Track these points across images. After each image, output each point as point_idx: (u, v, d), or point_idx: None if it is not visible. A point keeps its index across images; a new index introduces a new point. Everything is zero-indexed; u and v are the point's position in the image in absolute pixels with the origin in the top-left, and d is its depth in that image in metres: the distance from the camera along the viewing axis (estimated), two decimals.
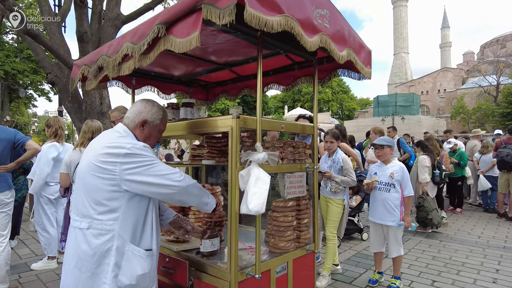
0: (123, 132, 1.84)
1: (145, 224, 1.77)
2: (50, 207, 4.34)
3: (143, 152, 1.69)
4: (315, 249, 2.40)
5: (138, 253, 1.69)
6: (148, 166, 1.65)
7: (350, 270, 4.34)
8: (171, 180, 1.68)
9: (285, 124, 2.17)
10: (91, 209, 1.68)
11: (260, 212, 1.75)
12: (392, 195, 3.59)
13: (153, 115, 1.89)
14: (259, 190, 1.75)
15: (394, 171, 3.62)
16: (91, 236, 1.66)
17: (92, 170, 1.67)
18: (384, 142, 3.67)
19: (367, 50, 2.51)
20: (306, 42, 1.84)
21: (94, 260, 1.65)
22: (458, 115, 38.70)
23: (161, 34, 1.73)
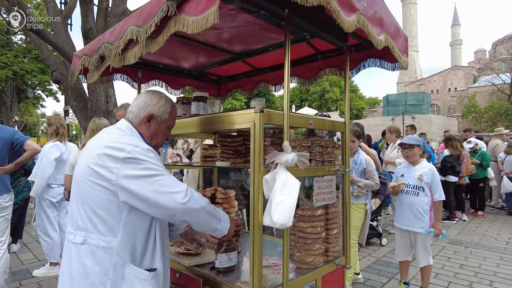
0: (126, 130, 1.57)
1: (148, 240, 1.48)
2: (53, 210, 4.10)
3: (146, 157, 1.40)
4: (346, 263, 2.09)
5: (141, 275, 1.41)
6: (147, 178, 1.37)
7: (372, 280, 4.02)
8: (172, 200, 1.38)
9: (313, 120, 1.87)
10: (87, 220, 1.41)
11: (286, 225, 1.45)
12: (421, 199, 3.27)
13: (161, 108, 1.62)
14: (286, 198, 1.46)
15: (423, 173, 3.29)
16: (86, 253, 1.39)
17: (88, 175, 1.40)
18: (414, 141, 3.35)
19: (403, 36, 2.21)
20: (343, 21, 1.54)
21: (88, 282, 1.38)
22: (469, 114, 37.86)
23: (171, 13, 1.44)
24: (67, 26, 7.73)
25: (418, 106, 35.28)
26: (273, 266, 1.64)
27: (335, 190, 2.01)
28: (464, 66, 68.01)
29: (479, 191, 7.52)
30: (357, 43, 2.26)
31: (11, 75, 20.38)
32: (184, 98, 2.40)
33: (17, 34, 22.48)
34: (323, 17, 1.85)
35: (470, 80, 60.95)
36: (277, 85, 3.06)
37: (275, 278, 1.64)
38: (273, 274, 1.64)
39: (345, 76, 2.13)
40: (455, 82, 63.28)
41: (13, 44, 22.01)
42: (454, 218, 6.99)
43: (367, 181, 3.40)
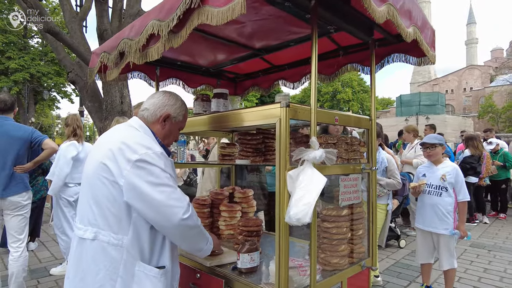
0: (140, 128, 1.57)
1: (156, 238, 1.47)
2: (70, 209, 4.12)
3: (157, 162, 1.40)
4: (373, 265, 2.01)
5: (150, 272, 1.41)
6: (154, 186, 1.36)
7: (392, 283, 3.91)
8: (173, 214, 1.38)
9: (339, 116, 1.79)
10: (99, 217, 1.41)
11: (303, 221, 1.38)
12: (444, 200, 3.15)
13: (177, 109, 1.66)
14: (307, 194, 1.39)
15: (446, 172, 3.17)
16: (97, 249, 1.39)
17: (100, 171, 1.40)
18: (436, 140, 3.23)
19: (431, 28, 2.11)
20: (374, 11, 1.47)
21: (98, 278, 1.37)
22: (486, 114, 36.94)
23: (195, 5, 1.40)
24: (83, 28, 7.84)
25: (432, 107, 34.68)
26: (299, 268, 1.58)
27: (360, 189, 1.94)
28: (480, 65, 66.39)
29: (501, 192, 7.28)
30: (381, 37, 2.19)
31: (28, 78, 20.81)
32: (204, 95, 2.36)
33: (34, 38, 23.00)
34: (349, 9, 1.78)
35: (487, 80, 59.48)
36: (295, 82, 2.99)
37: (301, 279, 1.58)
38: (299, 276, 1.57)
39: (371, 71, 2.05)
40: (471, 81, 61.84)
41: (30, 48, 22.47)
42: (474, 220, 6.78)
43: (389, 180, 3.30)
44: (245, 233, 2.09)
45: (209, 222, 2.63)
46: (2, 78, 20.52)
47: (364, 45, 2.27)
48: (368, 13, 1.51)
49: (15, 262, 3.20)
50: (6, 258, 4.04)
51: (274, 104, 1.53)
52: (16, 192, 3.18)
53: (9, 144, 3.14)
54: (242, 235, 2.09)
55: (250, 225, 2.09)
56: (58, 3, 21.38)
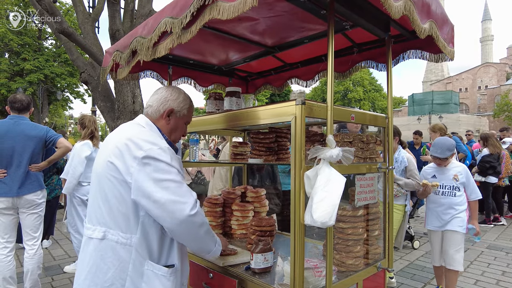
0: (146, 125, 1.56)
1: (165, 236, 1.46)
2: (83, 208, 4.16)
3: (162, 157, 1.38)
4: (389, 266, 1.96)
5: (159, 271, 1.40)
6: (160, 182, 1.34)
7: (406, 284, 3.84)
8: (179, 210, 1.34)
9: (355, 114, 1.75)
10: (107, 216, 1.41)
11: (328, 224, 1.35)
12: (458, 200, 3.11)
13: (181, 103, 1.63)
14: (329, 195, 1.36)
15: (458, 172, 3.13)
16: (106, 248, 1.39)
17: (108, 170, 1.40)
18: (449, 153, 3.11)
19: (450, 24, 2.05)
20: (390, 6, 1.42)
21: (107, 277, 1.38)
22: (502, 113, 35.96)
23: (209, 1, 1.38)
24: (95, 29, 7.94)
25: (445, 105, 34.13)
26: (314, 268, 1.55)
27: (377, 189, 1.89)
28: (495, 63, 64.77)
29: None
30: (397, 33, 2.14)
31: (42, 78, 21.22)
32: (217, 94, 2.34)
33: (48, 39, 23.44)
34: (365, 4, 1.74)
35: (503, 77, 58.04)
36: (308, 80, 2.95)
37: (317, 281, 1.54)
38: (314, 277, 1.54)
39: (388, 68, 2.00)
40: (486, 79, 60.43)
41: (44, 49, 22.92)
42: (491, 222, 6.60)
43: (408, 180, 3.23)
44: (258, 232, 2.07)
45: (221, 222, 2.62)
46: (18, 79, 20.97)
47: (379, 41, 2.22)
48: (384, 8, 1.46)
49: (31, 259, 3.25)
50: (22, 255, 4.11)
51: (289, 102, 1.50)
52: (31, 191, 3.23)
53: (25, 143, 3.18)
54: (255, 235, 2.06)
55: (263, 224, 2.07)
56: (71, 5, 21.81)
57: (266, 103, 6.97)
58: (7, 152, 3.12)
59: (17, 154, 3.16)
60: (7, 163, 3.14)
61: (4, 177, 3.11)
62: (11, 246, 3.20)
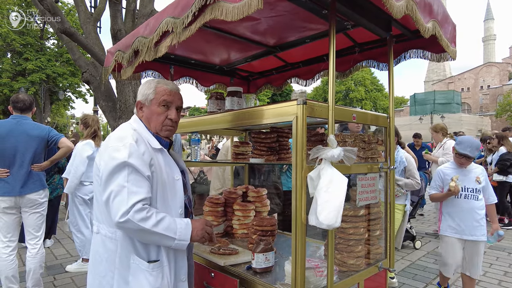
0: (133, 122, 1.62)
1: None
2: (85, 207, 4.18)
3: (118, 154, 1.40)
4: (390, 266, 1.96)
5: (142, 266, 1.43)
6: (108, 183, 1.39)
7: (408, 284, 3.83)
8: (114, 212, 1.35)
9: (356, 113, 1.75)
10: (98, 212, 1.52)
11: (334, 226, 1.35)
12: (480, 204, 2.90)
13: (144, 92, 1.60)
14: (333, 197, 1.36)
15: (480, 174, 2.93)
16: (99, 241, 1.51)
17: (95, 168, 1.52)
18: (477, 153, 2.99)
19: (452, 23, 2.04)
20: (392, 6, 1.42)
21: (100, 269, 1.49)
22: (504, 113, 35.85)
23: (211, 1, 1.38)
24: (97, 29, 7.95)
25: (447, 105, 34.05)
26: (315, 268, 1.55)
27: (378, 189, 1.89)
28: (498, 63, 64.55)
29: None
30: (399, 33, 2.13)
31: (44, 78, 21.28)
32: (218, 94, 2.34)
33: (50, 39, 23.50)
34: (367, 4, 1.73)
35: (505, 77, 57.83)
36: (309, 79, 2.96)
37: (318, 280, 1.55)
38: (316, 277, 1.54)
39: (389, 68, 2.00)
40: (488, 79, 60.23)
41: (46, 49, 22.98)
42: (509, 221, 6.55)
43: (407, 180, 3.22)
44: (259, 232, 2.07)
45: (222, 221, 2.62)
46: (20, 78, 21.04)
47: (380, 41, 2.22)
48: (386, 8, 1.46)
49: (33, 258, 3.26)
50: (24, 254, 4.12)
51: (290, 102, 1.50)
52: (33, 190, 3.24)
53: (27, 143, 3.19)
54: (256, 235, 2.07)
55: (264, 224, 2.07)
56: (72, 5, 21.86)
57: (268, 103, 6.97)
58: (9, 152, 3.13)
59: (20, 154, 3.17)
60: (9, 163, 3.15)
61: (6, 176, 3.12)
62: (13, 245, 3.22)
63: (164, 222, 1.39)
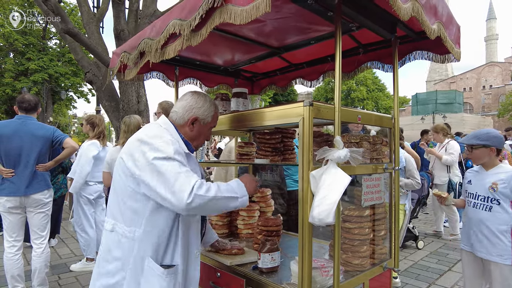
0: (163, 124, 1.62)
1: (171, 236, 1.49)
2: (90, 207, 4.21)
3: (165, 149, 1.42)
4: (395, 266, 1.97)
5: (157, 271, 1.43)
6: (161, 174, 1.38)
7: (411, 284, 3.85)
8: (178, 200, 1.35)
9: (362, 114, 1.77)
10: (116, 210, 1.50)
11: (326, 221, 1.36)
12: (496, 216, 2.35)
13: (205, 111, 1.67)
14: (330, 193, 1.37)
15: (499, 180, 2.38)
16: (113, 240, 1.49)
17: (120, 166, 1.50)
18: (476, 141, 2.44)
19: (456, 24, 2.05)
20: (399, 8, 1.43)
21: (111, 267, 1.47)
22: (506, 112, 35.77)
23: (218, 4, 1.39)
24: (99, 29, 7.98)
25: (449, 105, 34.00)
26: (321, 268, 1.56)
27: (383, 190, 1.90)
28: (500, 62, 64.34)
29: None
30: (403, 34, 2.14)
31: (46, 78, 21.35)
32: (223, 95, 2.36)
33: (52, 39, 23.57)
34: (372, 6, 1.75)
35: (507, 77, 57.64)
36: (313, 80, 2.97)
37: (324, 280, 1.56)
38: (322, 277, 1.56)
39: (394, 69, 2.01)
40: (490, 79, 60.07)
41: (48, 49, 23.05)
42: None
43: (407, 180, 3.24)
44: (264, 232, 2.08)
45: (227, 221, 2.64)
46: (22, 78, 21.10)
47: (385, 42, 2.23)
48: (393, 10, 1.47)
49: (38, 258, 3.29)
50: (29, 254, 4.15)
51: (297, 103, 1.51)
52: (38, 190, 3.26)
53: (32, 143, 3.22)
54: (261, 235, 2.08)
55: (269, 224, 2.09)
56: (75, 5, 21.91)
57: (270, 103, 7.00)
58: (15, 152, 3.16)
59: (25, 154, 3.19)
60: (14, 163, 3.17)
61: (12, 176, 3.15)
62: (19, 244, 3.24)
63: (222, 187, 1.47)
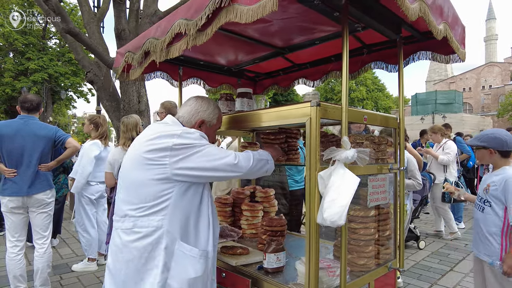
0: (171, 122, 1.69)
1: (199, 221, 1.56)
2: (91, 207, 4.21)
3: (191, 135, 1.52)
4: (400, 266, 1.97)
5: (190, 252, 1.48)
6: (198, 152, 1.48)
7: (413, 284, 3.85)
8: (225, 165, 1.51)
9: (367, 115, 1.76)
10: (136, 206, 1.49)
11: (338, 223, 1.36)
12: (487, 218, 2.33)
13: (210, 114, 1.76)
14: (340, 195, 1.37)
15: (492, 182, 2.34)
16: (137, 236, 1.47)
17: (138, 163, 1.50)
18: (476, 142, 2.44)
19: (461, 25, 2.05)
20: (407, 9, 1.43)
21: (141, 263, 1.46)
22: (506, 112, 35.81)
23: (225, 4, 1.39)
24: (100, 29, 7.97)
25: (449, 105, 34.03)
26: (328, 269, 1.56)
27: (388, 190, 1.90)
28: (500, 62, 64.45)
29: None
30: (408, 35, 2.14)
31: (46, 78, 21.32)
32: (228, 95, 2.36)
33: (52, 39, 23.54)
34: (379, 6, 1.75)
35: (507, 77, 57.75)
36: (316, 80, 2.97)
37: (330, 280, 1.56)
38: (328, 277, 1.56)
39: (399, 69, 2.01)
40: (490, 79, 60.16)
41: (48, 48, 23.03)
42: None
43: (408, 180, 3.24)
44: (269, 232, 2.08)
45: (231, 221, 2.64)
46: (22, 78, 21.07)
47: (389, 43, 2.23)
48: (401, 11, 1.47)
49: (40, 258, 3.28)
50: (30, 254, 4.15)
51: (304, 103, 1.51)
52: (41, 190, 3.26)
53: (35, 143, 3.21)
54: (266, 235, 2.08)
55: (274, 225, 2.09)
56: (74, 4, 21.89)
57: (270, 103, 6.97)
58: (17, 152, 3.15)
59: (27, 154, 3.19)
60: (17, 163, 3.17)
61: (14, 176, 3.14)
62: (21, 245, 3.24)
63: (255, 153, 1.66)
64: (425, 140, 7.38)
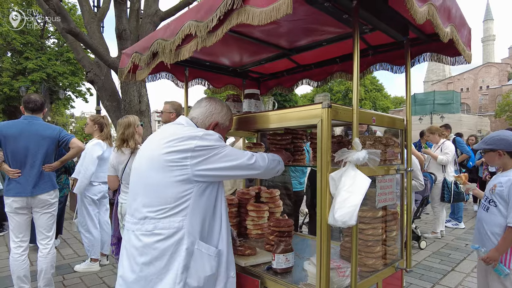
0: (185, 123, 1.71)
1: (215, 219, 1.59)
2: (94, 208, 4.20)
3: (210, 137, 1.55)
4: (407, 266, 1.99)
5: (207, 251, 1.52)
6: (219, 153, 1.53)
7: (415, 284, 3.87)
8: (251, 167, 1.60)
9: (376, 116, 1.78)
10: (156, 208, 1.50)
11: (349, 223, 1.38)
12: (491, 218, 2.34)
13: (224, 116, 1.81)
14: (352, 195, 1.39)
15: (499, 182, 2.34)
16: (158, 238, 1.48)
17: (157, 165, 1.51)
18: (484, 145, 2.46)
19: (468, 27, 2.07)
20: (416, 12, 1.44)
21: (163, 264, 1.46)
22: (503, 113, 36.01)
23: (237, 5, 1.40)
24: (101, 28, 7.95)
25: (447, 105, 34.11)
26: (338, 269, 1.57)
27: (395, 191, 1.92)
28: (497, 63, 64.78)
29: None
30: (414, 36, 2.16)
31: (45, 77, 21.23)
32: (235, 96, 2.36)
33: (50, 38, 23.46)
34: (387, 9, 1.76)
35: (504, 78, 58.07)
36: (320, 81, 2.99)
37: (340, 281, 1.57)
38: (338, 277, 1.57)
39: (406, 71, 2.02)
40: (488, 79, 60.45)
41: (46, 48, 22.93)
42: None
43: None
44: (276, 233, 2.09)
45: (237, 222, 2.65)
46: (20, 77, 20.98)
47: (395, 44, 2.24)
48: (409, 14, 1.48)
49: (44, 258, 3.28)
50: (33, 255, 4.14)
51: (315, 105, 1.52)
52: (44, 190, 3.26)
53: (39, 143, 3.21)
54: (273, 236, 2.09)
55: (281, 225, 2.09)
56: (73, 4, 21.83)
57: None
58: (21, 152, 3.15)
59: (31, 154, 3.18)
60: (21, 163, 3.16)
61: (18, 177, 3.14)
62: (25, 245, 3.23)
63: (268, 154, 1.76)
64: (425, 141, 7.42)
